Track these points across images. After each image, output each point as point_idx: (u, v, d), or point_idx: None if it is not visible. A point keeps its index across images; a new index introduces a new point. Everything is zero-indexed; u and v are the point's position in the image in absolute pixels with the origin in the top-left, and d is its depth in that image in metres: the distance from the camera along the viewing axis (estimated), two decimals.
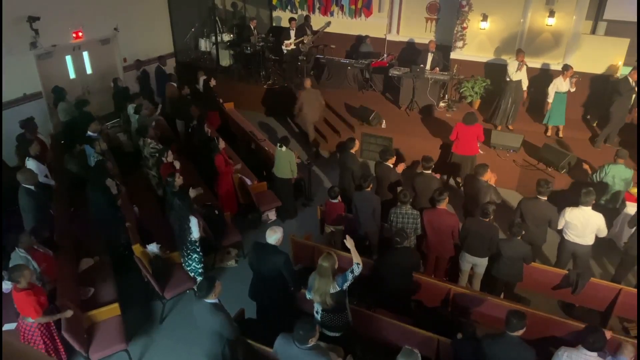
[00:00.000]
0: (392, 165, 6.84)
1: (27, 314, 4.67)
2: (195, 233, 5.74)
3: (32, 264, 5.19)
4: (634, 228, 5.95)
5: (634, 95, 8.11)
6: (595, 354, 3.88)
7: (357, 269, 4.39)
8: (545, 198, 5.92)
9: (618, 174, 6.80)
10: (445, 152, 8.73)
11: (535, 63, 9.62)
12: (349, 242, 4.65)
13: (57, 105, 8.97)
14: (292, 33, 11.16)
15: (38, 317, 4.65)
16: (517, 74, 8.82)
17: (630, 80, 8.11)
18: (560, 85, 8.56)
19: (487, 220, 5.54)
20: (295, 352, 3.75)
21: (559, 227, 5.89)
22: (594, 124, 9.31)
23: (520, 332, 3.92)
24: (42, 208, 6.29)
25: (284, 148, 7.39)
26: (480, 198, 6.29)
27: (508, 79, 8.90)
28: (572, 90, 8.56)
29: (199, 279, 5.99)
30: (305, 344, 3.71)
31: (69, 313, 4.87)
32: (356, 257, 4.51)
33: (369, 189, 6.18)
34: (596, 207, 5.80)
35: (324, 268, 4.33)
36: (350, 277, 4.36)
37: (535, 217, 5.94)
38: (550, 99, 8.66)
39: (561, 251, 6.08)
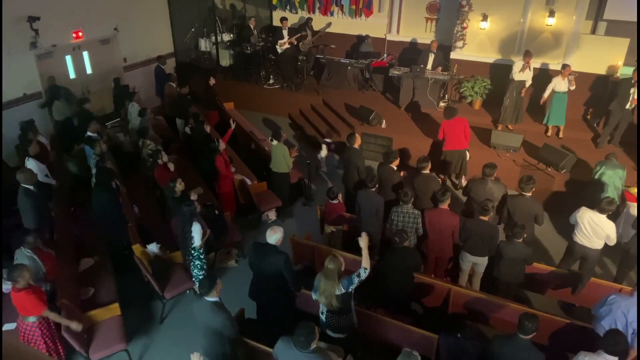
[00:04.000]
0: (395, 167, 6.84)
1: (30, 311, 4.62)
2: (197, 241, 5.65)
3: (39, 264, 5.16)
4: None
5: (631, 95, 8.08)
6: (616, 358, 3.72)
7: (364, 274, 4.36)
8: (530, 194, 5.93)
9: (611, 170, 6.77)
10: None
11: (535, 63, 9.61)
12: (364, 241, 4.53)
13: (51, 104, 8.92)
14: (285, 32, 11.17)
15: (43, 312, 4.59)
16: (520, 75, 8.84)
17: (632, 80, 8.11)
18: (559, 85, 8.56)
19: (487, 218, 5.54)
20: (297, 357, 3.70)
21: (571, 222, 5.85)
22: (595, 124, 9.30)
23: (531, 336, 3.84)
24: (42, 208, 6.27)
25: (274, 142, 7.43)
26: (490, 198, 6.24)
27: (511, 78, 8.94)
28: (572, 88, 8.55)
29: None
30: (308, 348, 3.67)
31: (75, 325, 4.75)
32: (365, 261, 4.45)
33: (373, 189, 6.18)
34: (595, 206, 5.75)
35: (330, 270, 4.32)
36: (356, 280, 4.34)
37: (523, 213, 5.95)
38: (545, 94, 8.74)
39: (569, 253, 6.02)
